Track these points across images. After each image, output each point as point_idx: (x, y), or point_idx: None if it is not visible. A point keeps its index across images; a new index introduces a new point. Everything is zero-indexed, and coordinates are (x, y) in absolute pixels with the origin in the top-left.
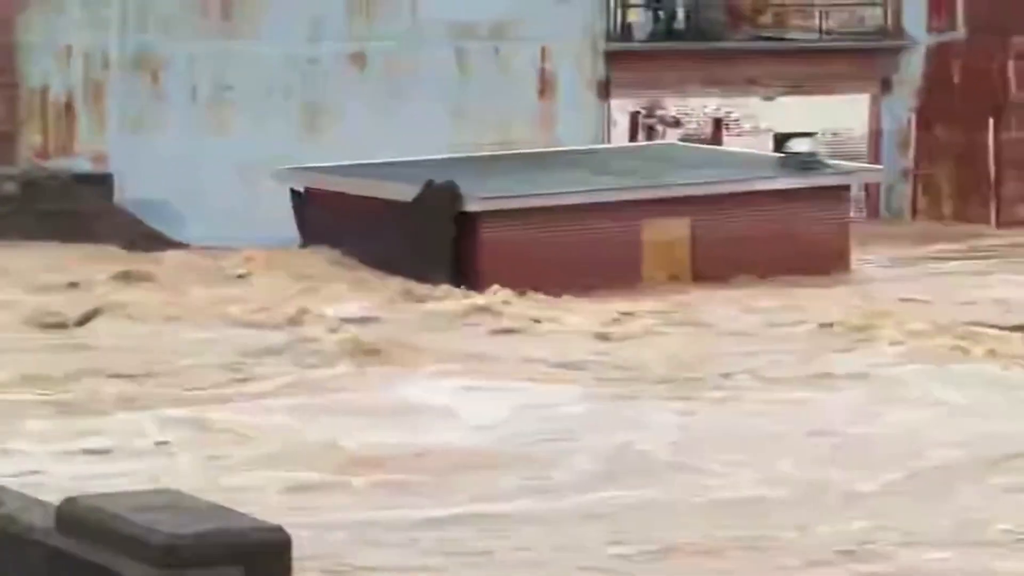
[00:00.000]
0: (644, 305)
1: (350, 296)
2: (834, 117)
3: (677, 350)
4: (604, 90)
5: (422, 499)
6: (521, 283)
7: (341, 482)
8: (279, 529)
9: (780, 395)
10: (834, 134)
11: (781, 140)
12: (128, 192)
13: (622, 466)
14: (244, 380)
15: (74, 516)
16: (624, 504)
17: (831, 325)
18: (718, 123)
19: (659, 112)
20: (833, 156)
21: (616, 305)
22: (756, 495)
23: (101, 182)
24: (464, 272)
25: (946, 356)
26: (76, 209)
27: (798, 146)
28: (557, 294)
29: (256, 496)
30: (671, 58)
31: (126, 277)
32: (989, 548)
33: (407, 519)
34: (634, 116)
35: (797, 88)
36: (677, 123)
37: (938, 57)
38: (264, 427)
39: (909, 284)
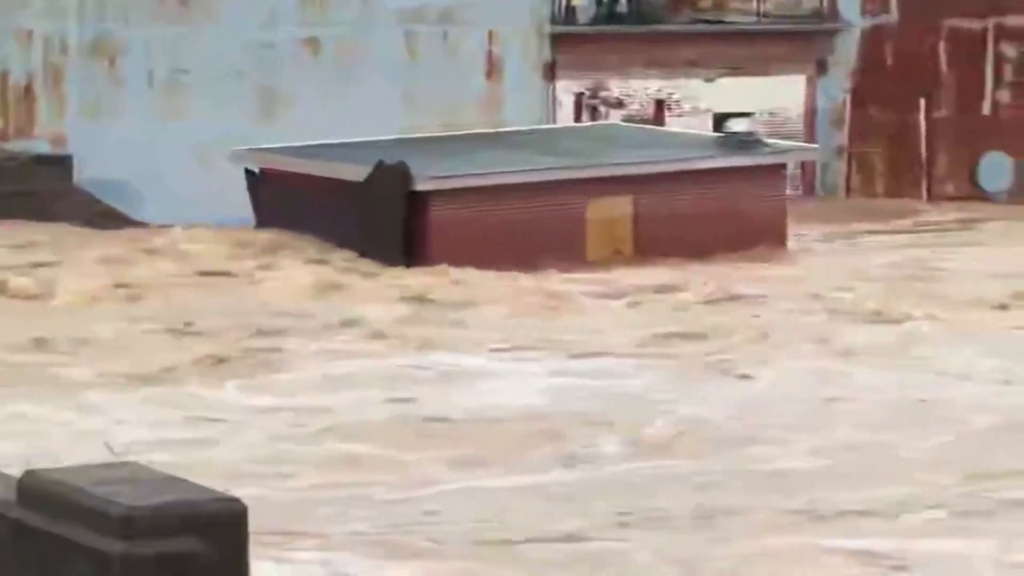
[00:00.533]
0: (650, 278)
1: (355, 269)
2: (771, 98)
3: (717, 321)
4: (550, 72)
5: (457, 473)
6: (469, 260)
7: (386, 455)
8: (235, 500)
9: (815, 365)
10: (771, 114)
11: (720, 120)
12: (87, 173)
13: (671, 437)
14: (292, 350)
15: (35, 489)
16: (654, 475)
17: (844, 299)
18: (660, 104)
19: (603, 93)
20: (770, 135)
21: (613, 276)
22: (797, 466)
23: (60, 163)
24: (414, 250)
25: (959, 326)
26: (35, 190)
27: (736, 126)
28: (503, 270)
29: (297, 469)
30: (614, 41)
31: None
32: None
33: (414, 493)
34: (578, 97)
35: (736, 70)
36: (620, 104)
37: (872, 40)
38: (316, 401)
39: (849, 258)
